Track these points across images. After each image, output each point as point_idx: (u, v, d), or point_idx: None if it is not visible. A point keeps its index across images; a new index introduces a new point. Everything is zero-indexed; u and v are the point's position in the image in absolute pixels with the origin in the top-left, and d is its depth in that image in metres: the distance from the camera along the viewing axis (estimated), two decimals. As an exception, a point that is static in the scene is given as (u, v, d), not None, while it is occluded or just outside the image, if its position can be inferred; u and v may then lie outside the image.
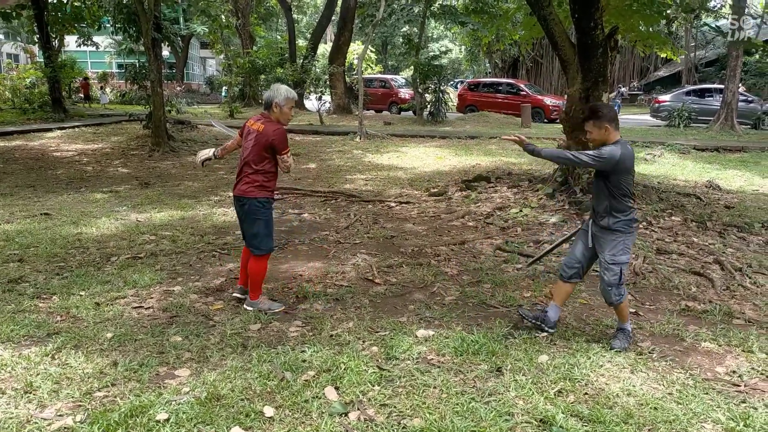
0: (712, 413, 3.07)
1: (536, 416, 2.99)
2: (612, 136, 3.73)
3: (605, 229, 3.82)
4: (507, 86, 26.00)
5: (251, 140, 4.14)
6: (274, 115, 4.16)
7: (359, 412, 3.02)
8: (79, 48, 30.08)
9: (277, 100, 4.11)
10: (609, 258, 3.81)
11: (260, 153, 4.11)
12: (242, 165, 4.21)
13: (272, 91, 4.16)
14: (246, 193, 4.16)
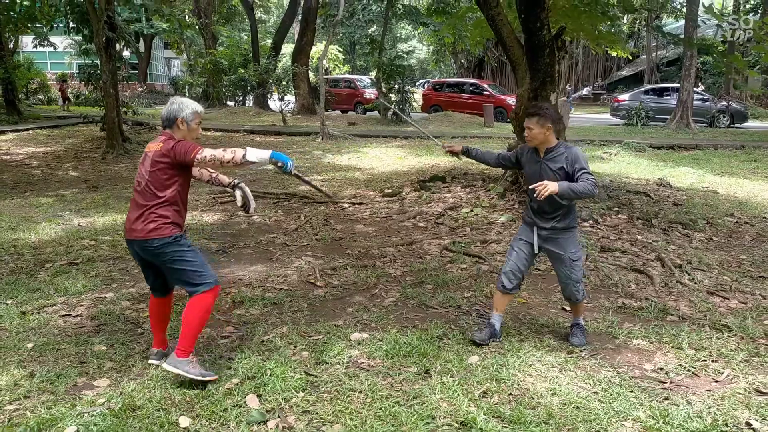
0: (633, 411, 3.08)
1: (458, 419, 2.96)
2: (551, 138, 3.71)
3: (564, 229, 3.78)
4: (471, 86, 26.13)
5: (148, 163, 3.22)
6: (180, 133, 3.27)
7: (279, 420, 2.96)
8: (36, 48, 29.36)
9: (182, 116, 3.26)
10: (573, 255, 3.81)
11: (163, 175, 3.18)
12: (139, 197, 3.25)
13: (174, 104, 3.31)
14: (150, 233, 3.18)
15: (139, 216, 3.20)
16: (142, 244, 3.20)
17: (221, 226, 7.09)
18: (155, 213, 3.18)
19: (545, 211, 3.76)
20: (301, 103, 25.44)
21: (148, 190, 3.19)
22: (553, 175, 3.67)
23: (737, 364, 3.67)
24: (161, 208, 3.19)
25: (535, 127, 3.68)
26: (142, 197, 3.22)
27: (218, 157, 3.07)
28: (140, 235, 3.19)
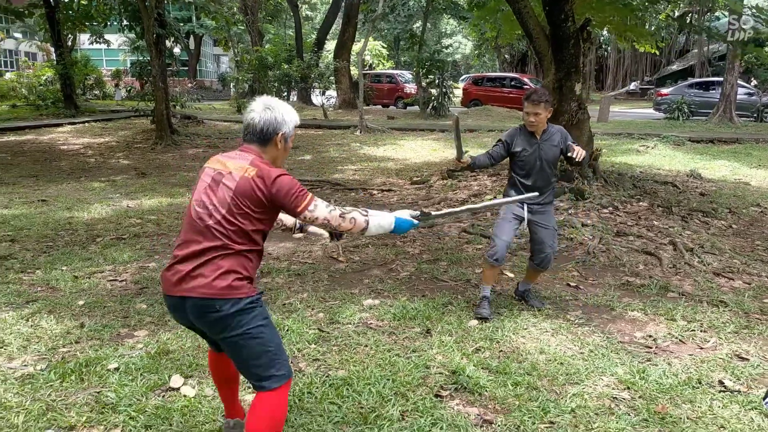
0: (613, 369, 3.36)
1: (449, 368, 3.30)
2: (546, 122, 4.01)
3: (549, 204, 4.14)
4: (511, 81, 26.13)
5: (228, 188, 2.22)
6: (272, 153, 2.35)
7: (291, 364, 3.35)
8: (92, 46, 30.76)
9: (285, 130, 2.34)
10: (556, 226, 4.21)
11: (244, 217, 2.20)
12: (202, 235, 2.21)
13: (274, 111, 2.33)
14: (219, 292, 2.16)
15: (201, 263, 2.18)
16: (201, 305, 2.17)
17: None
18: (229, 263, 2.19)
19: (539, 190, 3.95)
20: (343, 98, 25.95)
21: (222, 229, 2.19)
22: (551, 152, 3.98)
23: (726, 334, 3.88)
24: (239, 257, 2.22)
25: (543, 112, 3.90)
26: (210, 237, 2.20)
27: (334, 225, 2.29)
28: (203, 292, 2.15)
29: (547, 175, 4.00)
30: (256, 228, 2.23)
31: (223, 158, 2.33)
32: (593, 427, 2.77)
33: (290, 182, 2.22)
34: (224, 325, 2.18)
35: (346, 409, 2.89)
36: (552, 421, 2.82)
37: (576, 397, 3.03)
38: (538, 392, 3.08)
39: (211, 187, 2.24)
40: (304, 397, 2.99)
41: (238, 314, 2.16)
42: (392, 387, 3.09)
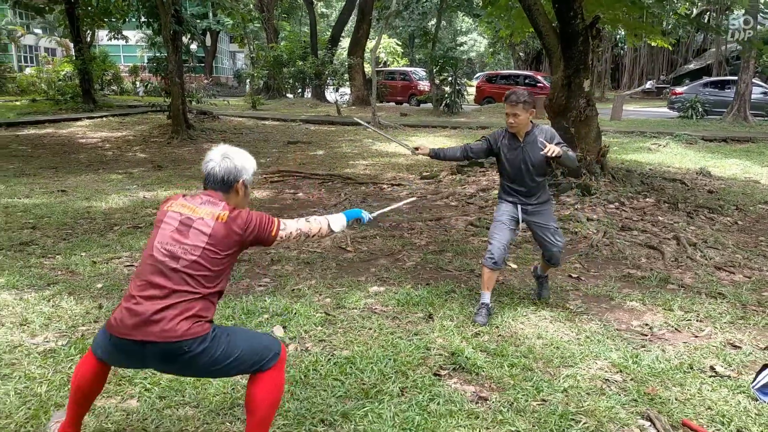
0: (608, 354, 3.48)
1: (449, 350, 3.44)
2: (529, 123, 3.91)
3: (544, 203, 4.07)
4: (525, 78, 26.15)
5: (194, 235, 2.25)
6: (234, 200, 2.42)
7: (298, 344, 3.52)
8: (110, 42, 31.20)
9: (246, 178, 2.43)
10: (556, 224, 4.16)
11: (214, 263, 2.25)
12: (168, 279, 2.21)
13: (232, 160, 2.40)
14: (181, 334, 2.15)
15: (164, 307, 2.16)
16: (169, 349, 2.16)
17: (269, 201, 7.76)
18: (195, 306, 2.20)
19: (525, 194, 4.00)
20: (356, 95, 26.12)
21: (192, 273, 2.22)
22: (536, 153, 3.84)
23: (721, 324, 3.99)
24: (204, 301, 2.24)
25: (522, 113, 3.81)
26: (177, 280, 2.21)
27: (305, 232, 2.54)
28: (169, 336, 2.14)
29: (534, 176, 3.93)
30: (224, 272, 2.30)
31: (189, 203, 2.34)
32: (584, 405, 2.90)
33: (259, 216, 2.38)
34: (198, 363, 2.21)
35: (349, 385, 3.05)
36: (544, 399, 2.95)
37: (569, 378, 3.16)
38: (533, 373, 3.22)
39: (180, 231, 2.24)
40: (309, 373, 3.15)
41: (206, 350, 2.19)
42: (393, 366, 3.24)
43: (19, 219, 6.46)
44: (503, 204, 4.12)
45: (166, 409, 2.82)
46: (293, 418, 2.75)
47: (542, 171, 4.00)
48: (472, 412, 2.83)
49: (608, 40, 34.46)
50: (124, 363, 2.39)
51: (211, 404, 2.86)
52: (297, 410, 2.81)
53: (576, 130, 8.05)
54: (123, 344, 2.20)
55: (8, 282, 4.47)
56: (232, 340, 2.27)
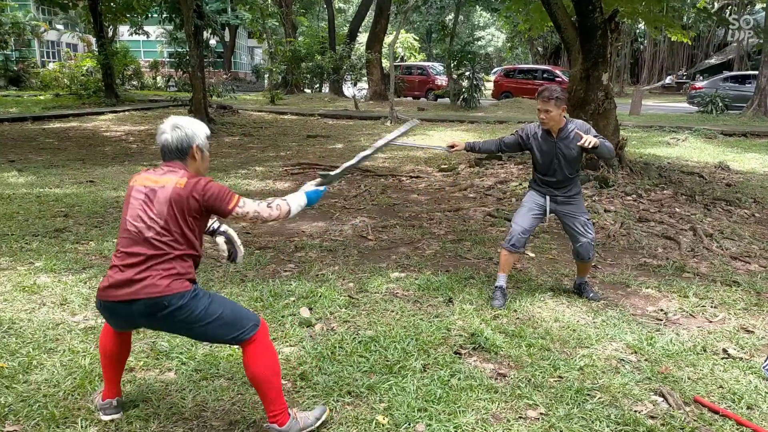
0: (623, 336, 3.60)
1: (468, 332, 3.58)
2: (562, 119, 3.93)
3: (574, 195, 4.08)
4: (543, 72, 26.09)
5: (163, 202, 2.41)
6: (194, 165, 2.55)
7: (324, 324, 3.69)
8: (131, 37, 31.61)
9: (198, 142, 2.54)
10: (587, 216, 4.11)
11: (180, 225, 2.42)
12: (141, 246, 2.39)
13: (181, 129, 2.52)
14: (167, 290, 2.35)
15: (143, 269, 2.36)
16: (150, 304, 2.35)
17: (291, 191, 7.91)
18: (170, 265, 2.39)
19: (553, 185, 4.05)
20: (374, 90, 26.24)
21: (162, 238, 2.39)
22: (570, 150, 3.90)
23: (735, 310, 4.08)
24: (178, 260, 2.42)
25: (553, 110, 3.83)
26: (150, 247, 2.38)
27: (264, 217, 2.57)
28: (150, 292, 2.33)
29: (566, 172, 3.97)
30: (192, 233, 2.45)
31: (152, 175, 2.49)
32: (599, 382, 3.03)
33: (219, 187, 2.48)
34: (176, 319, 2.38)
35: (374, 361, 3.20)
36: (561, 376, 3.08)
37: (585, 358, 3.28)
38: (550, 353, 3.35)
39: (146, 203, 2.42)
40: (336, 350, 3.31)
41: (185, 306, 2.36)
42: (416, 345, 3.39)
43: (51, 207, 6.70)
44: (532, 192, 4.20)
45: (202, 381, 3.00)
46: (321, 390, 2.91)
47: (575, 166, 4.03)
48: (491, 387, 2.97)
49: (628, 35, 34.21)
50: (121, 324, 2.54)
51: (244, 376, 3.02)
52: (325, 383, 2.97)
53: (594, 123, 8.06)
54: (113, 306, 2.41)
55: (46, 265, 4.68)
56: (213, 302, 2.46)
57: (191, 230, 2.45)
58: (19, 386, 2.88)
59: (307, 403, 2.82)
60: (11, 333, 3.46)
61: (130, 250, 2.40)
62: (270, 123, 17.54)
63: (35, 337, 3.42)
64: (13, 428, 2.56)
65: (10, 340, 3.36)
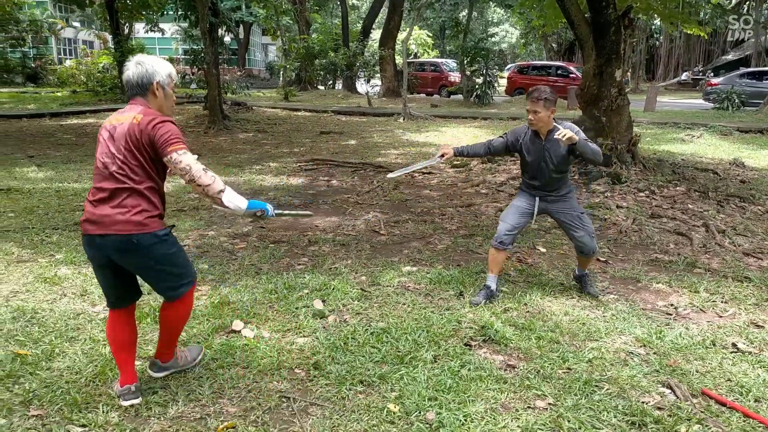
0: (632, 330, 3.63)
1: (479, 324, 3.63)
2: (552, 120, 3.86)
3: (564, 195, 4.03)
4: (557, 69, 25.97)
5: (122, 139, 2.56)
6: (156, 102, 2.68)
7: (336, 316, 3.76)
8: (147, 34, 31.89)
9: (158, 79, 2.66)
10: (581, 210, 4.09)
11: (138, 158, 2.56)
12: (109, 181, 2.57)
13: (143, 65, 2.65)
14: (137, 228, 2.55)
15: (113, 205, 2.54)
16: (120, 240, 2.54)
17: (304, 188, 8.02)
18: (139, 200, 2.56)
19: (548, 186, 3.99)
20: (387, 86, 26.29)
21: (123, 171, 2.54)
22: (558, 153, 3.84)
23: (746, 306, 4.09)
24: (143, 196, 2.58)
25: (542, 110, 3.77)
26: (114, 180, 2.55)
27: (194, 175, 2.56)
28: (119, 229, 2.52)
29: (554, 174, 3.92)
30: (152, 166, 2.59)
31: (117, 115, 2.64)
32: (607, 374, 3.08)
33: (170, 128, 2.57)
34: (141, 256, 2.59)
35: (385, 351, 3.27)
36: (570, 368, 3.13)
37: (594, 350, 3.33)
38: (559, 345, 3.39)
39: (110, 140, 2.59)
40: (348, 341, 3.38)
41: (153, 246, 2.59)
42: (426, 336, 3.45)
43: (70, 202, 6.84)
44: (521, 193, 4.18)
45: (219, 369, 3.08)
46: (334, 379, 2.99)
47: (564, 168, 3.96)
48: (500, 378, 3.02)
49: (643, 31, 33.92)
50: (98, 257, 2.68)
51: (260, 365, 3.11)
52: (338, 372, 3.04)
53: (607, 120, 8.12)
54: (91, 239, 2.61)
55: (66, 258, 4.80)
56: (177, 254, 2.73)
57: (150, 164, 2.59)
58: (43, 373, 2.99)
59: (320, 392, 2.90)
60: (34, 322, 3.57)
61: (100, 185, 2.59)
62: (284, 119, 17.65)
63: (57, 326, 3.53)
64: (37, 413, 2.66)
65: (33, 329, 3.48)
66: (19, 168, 9.13)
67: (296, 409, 2.76)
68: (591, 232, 4.07)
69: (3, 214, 6.22)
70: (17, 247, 5.05)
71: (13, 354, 3.15)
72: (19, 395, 2.78)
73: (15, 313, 3.67)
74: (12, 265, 4.60)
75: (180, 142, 2.57)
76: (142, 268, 2.70)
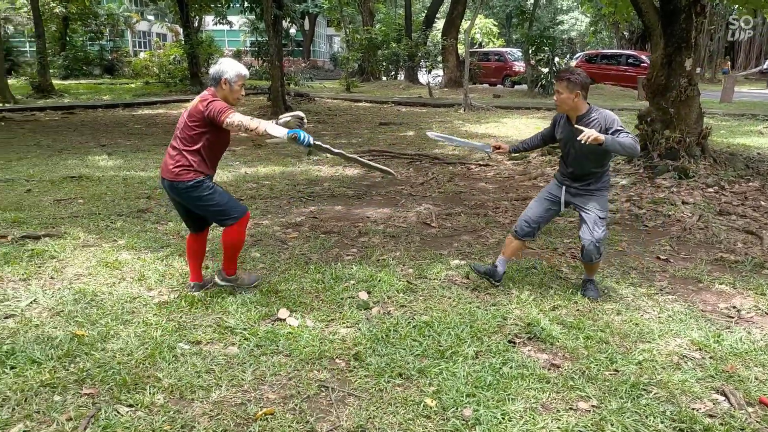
0: (689, 332, 3.46)
1: (525, 321, 3.55)
2: (581, 105, 3.68)
3: (593, 190, 3.84)
4: (628, 58, 25.02)
5: (186, 114, 3.57)
6: (222, 92, 3.53)
7: (381, 308, 3.76)
8: (215, 27, 32.81)
9: (226, 77, 3.51)
10: (601, 214, 3.82)
11: (190, 130, 3.51)
12: (174, 142, 3.61)
13: (221, 65, 3.56)
14: (176, 177, 3.54)
15: (170, 158, 3.57)
16: (170, 183, 3.59)
17: (359, 179, 8.06)
18: (182, 158, 3.52)
19: (572, 176, 3.86)
20: (449, 76, 26.03)
21: (180, 136, 3.54)
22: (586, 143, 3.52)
23: (818, 311, 3.83)
24: (188, 155, 3.52)
25: (564, 92, 3.64)
26: (176, 142, 3.57)
27: (245, 125, 3.37)
28: (168, 176, 3.57)
29: (585, 164, 3.75)
30: (198, 135, 3.51)
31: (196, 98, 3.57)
32: (657, 377, 2.94)
33: (220, 105, 3.43)
34: (182, 197, 3.62)
35: (426, 345, 3.25)
36: (617, 370, 3.02)
37: (645, 352, 3.19)
38: (608, 346, 3.27)
39: (184, 114, 3.59)
40: (390, 333, 3.38)
41: (190, 189, 3.56)
42: (469, 332, 3.41)
43: (136, 189, 7.14)
44: (552, 182, 4.09)
45: (262, 356, 3.15)
46: (374, 371, 2.99)
47: (595, 159, 3.74)
48: (543, 377, 2.95)
49: (722, 18, 32.14)
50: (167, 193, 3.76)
51: (302, 354, 3.15)
52: (377, 364, 3.05)
53: (675, 111, 7.74)
54: (161, 181, 3.70)
55: (128, 243, 5.01)
56: (213, 195, 3.62)
57: (198, 134, 3.51)
58: (97, 353, 3.13)
59: (358, 383, 2.91)
60: (93, 304, 3.75)
61: (171, 143, 3.64)
62: (344, 110, 17.79)
63: (114, 309, 3.69)
64: (89, 391, 2.80)
65: (92, 311, 3.65)
66: (91, 156, 9.60)
67: (334, 398, 2.79)
68: (596, 240, 3.79)
69: (73, 201, 6.56)
70: (84, 232, 5.31)
71: (72, 334, 3.32)
72: (74, 374, 2.93)
73: (77, 296, 3.86)
74: (78, 250, 4.84)
75: (227, 110, 3.41)
76: (190, 206, 3.70)
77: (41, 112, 16.25)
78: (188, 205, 3.69)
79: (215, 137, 3.57)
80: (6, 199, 6.63)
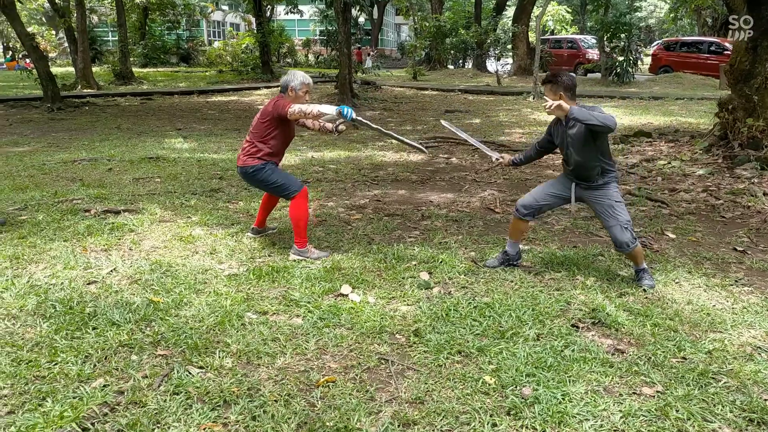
0: (763, 323, 3.31)
1: (590, 306, 3.49)
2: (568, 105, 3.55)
3: (602, 185, 3.81)
4: (710, 45, 23.74)
5: (259, 113, 4.33)
6: (289, 98, 4.21)
7: (441, 288, 3.79)
8: (287, 16, 33.43)
9: (292, 85, 4.19)
10: (617, 198, 3.81)
11: (261, 126, 4.24)
12: (248, 135, 4.37)
13: (288, 75, 4.31)
14: (243, 163, 4.31)
15: (242, 149, 4.33)
16: (240, 169, 4.34)
17: (423, 164, 8.08)
18: (252, 148, 4.25)
19: (579, 173, 3.82)
20: (518, 64, 25.56)
21: (253, 131, 4.29)
22: (578, 136, 3.65)
23: None
24: (258, 145, 4.24)
25: (549, 94, 3.68)
26: (249, 136, 4.32)
27: (303, 110, 4.00)
28: (239, 163, 4.34)
29: (581, 159, 3.72)
30: (267, 130, 4.22)
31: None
32: (727, 366, 2.84)
33: (284, 101, 4.15)
34: (250, 180, 4.38)
35: (486, 325, 3.25)
36: (685, 357, 2.93)
37: (715, 342, 3.08)
38: (677, 334, 3.17)
39: (257, 113, 4.36)
40: (450, 313, 3.40)
41: (254, 173, 4.27)
42: (531, 314, 3.38)
43: (209, 170, 7.43)
44: (563, 174, 4.06)
45: (325, 329, 3.23)
46: (433, 347, 3.02)
47: (590, 153, 3.69)
48: (606, 361, 2.90)
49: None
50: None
51: (363, 328, 3.22)
52: (437, 341, 3.07)
53: (759, 98, 7.33)
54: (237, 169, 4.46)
55: (201, 220, 5.24)
56: (272, 175, 4.28)
57: (268, 130, 4.23)
58: (171, 319, 3.31)
59: (418, 357, 2.95)
60: (168, 275, 3.95)
61: (247, 138, 4.39)
62: (410, 98, 17.79)
63: (187, 279, 3.88)
64: (163, 353, 2.96)
65: (167, 281, 3.85)
66: (168, 139, 10.04)
67: (393, 371, 2.84)
68: (624, 222, 3.74)
69: (151, 179, 6.90)
70: (160, 209, 5.58)
71: (149, 300, 3.52)
72: (150, 336, 3.11)
73: (153, 266, 4.08)
74: (155, 224, 5.10)
75: (288, 103, 4.12)
76: (256, 186, 4.57)
77: (122, 98, 17.10)
78: (254, 185, 4.51)
79: (281, 132, 4.27)
80: (90, 176, 7.05)
